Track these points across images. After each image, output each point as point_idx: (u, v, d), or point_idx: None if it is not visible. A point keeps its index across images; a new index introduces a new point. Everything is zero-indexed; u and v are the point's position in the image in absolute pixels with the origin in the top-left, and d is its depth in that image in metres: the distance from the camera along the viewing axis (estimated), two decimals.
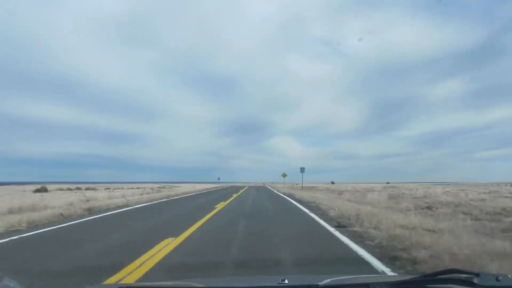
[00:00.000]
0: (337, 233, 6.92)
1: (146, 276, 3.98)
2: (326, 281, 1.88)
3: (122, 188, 51.47)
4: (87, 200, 15.91)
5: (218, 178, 79.10)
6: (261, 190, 37.59)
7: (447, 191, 28.69)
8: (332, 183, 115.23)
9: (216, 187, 53.72)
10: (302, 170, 46.17)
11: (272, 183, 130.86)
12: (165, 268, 4.35)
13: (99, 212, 11.64)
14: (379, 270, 4.25)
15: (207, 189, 43.03)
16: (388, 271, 4.24)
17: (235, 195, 23.18)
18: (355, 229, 7.17)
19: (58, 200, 15.85)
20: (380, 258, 4.81)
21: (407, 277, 1.87)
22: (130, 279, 3.84)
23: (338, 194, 26.99)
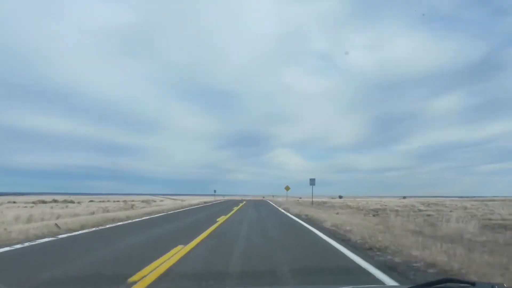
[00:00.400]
0: None
1: None
2: None
3: (108, 201, 49.51)
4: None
5: (214, 191, 68.91)
6: (262, 208, 27.75)
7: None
8: (340, 197, 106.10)
9: (206, 202, 43.29)
10: (312, 182, 36.81)
11: (272, 196, 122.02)
12: None
13: None
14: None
15: (195, 205, 34.36)
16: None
17: (220, 220, 14.27)
18: None
19: None
20: None
21: (403, 287, 1.98)
22: None
23: (374, 215, 18.45)
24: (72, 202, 42.97)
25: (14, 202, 41.21)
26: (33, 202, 40.59)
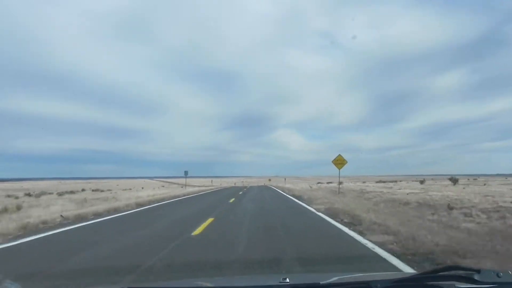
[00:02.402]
0: None
1: None
2: (327, 280, 1.91)
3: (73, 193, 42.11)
4: None
5: (185, 173, 47.75)
6: (272, 211, 14.01)
7: None
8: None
9: (193, 193, 34.08)
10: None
11: (276, 176, 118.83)
12: None
13: None
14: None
15: (174, 197, 25.60)
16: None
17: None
18: None
19: None
20: None
21: (408, 274, 2.05)
22: None
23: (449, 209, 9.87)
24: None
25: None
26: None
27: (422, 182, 51.70)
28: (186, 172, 48.04)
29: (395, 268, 4.64)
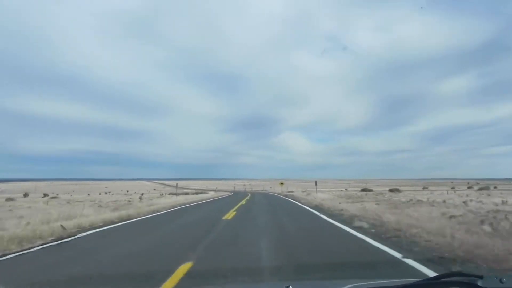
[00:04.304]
0: None
1: None
2: None
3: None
4: None
5: (206, 186, 56.41)
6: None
7: None
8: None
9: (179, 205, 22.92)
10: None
11: (284, 179, 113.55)
12: None
13: None
14: None
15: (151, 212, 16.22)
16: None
17: None
18: None
19: None
20: None
21: (411, 281, 1.89)
22: None
23: None
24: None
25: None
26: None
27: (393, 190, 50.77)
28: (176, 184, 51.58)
29: None
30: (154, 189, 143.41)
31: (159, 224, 11.83)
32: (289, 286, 1.84)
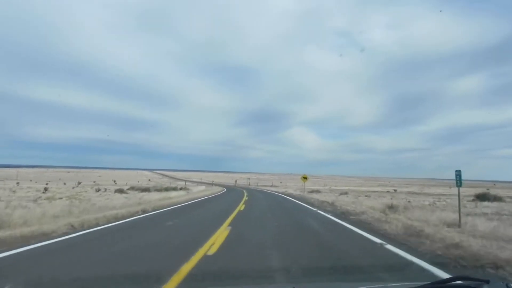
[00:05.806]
0: None
1: None
2: None
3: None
4: None
5: (201, 178, 48.19)
6: None
7: None
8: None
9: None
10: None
11: (290, 175, 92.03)
12: None
13: None
14: None
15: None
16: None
17: None
18: None
19: None
20: None
21: (416, 285, 1.79)
22: None
23: None
24: None
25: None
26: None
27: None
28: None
29: None
30: (149, 180, 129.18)
31: None
32: None
